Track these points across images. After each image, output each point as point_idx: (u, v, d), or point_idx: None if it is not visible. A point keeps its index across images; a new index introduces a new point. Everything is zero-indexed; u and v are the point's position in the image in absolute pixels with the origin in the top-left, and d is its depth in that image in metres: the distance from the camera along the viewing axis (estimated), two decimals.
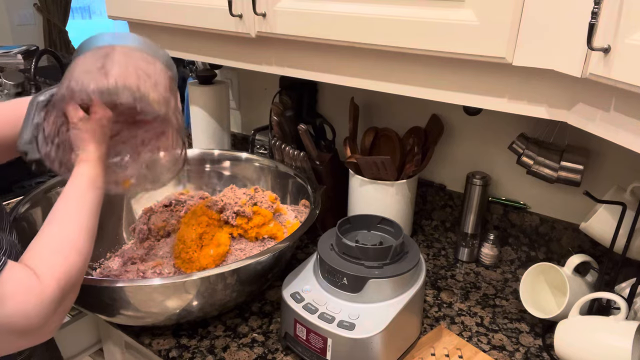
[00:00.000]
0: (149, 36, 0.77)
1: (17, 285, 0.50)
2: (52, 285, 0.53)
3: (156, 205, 1.04)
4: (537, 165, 0.92)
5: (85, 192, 0.61)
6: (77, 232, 0.58)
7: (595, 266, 0.86)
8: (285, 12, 0.81)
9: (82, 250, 0.58)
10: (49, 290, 0.52)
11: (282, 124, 1.13)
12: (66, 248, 0.56)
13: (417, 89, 0.75)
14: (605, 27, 0.53)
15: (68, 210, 0.60)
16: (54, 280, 0.53)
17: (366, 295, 0.73)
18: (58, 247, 0.56)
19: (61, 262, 0.55)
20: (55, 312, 0.53)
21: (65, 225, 0.58)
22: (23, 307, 0.50)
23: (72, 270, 0.56)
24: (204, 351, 0.79)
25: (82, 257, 0.58)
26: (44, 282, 0.52)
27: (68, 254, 0.56)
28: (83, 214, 0.60)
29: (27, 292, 0.51)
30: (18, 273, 0.51)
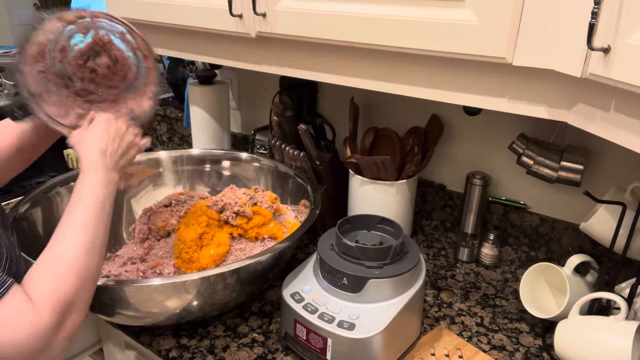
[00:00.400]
0: (149, 36, 0.77)
1: (12, 314, 0.50)
2: (47, 312, 0.52)
3: (156, 205, 1.04)
4: (537, 165, 0.92)
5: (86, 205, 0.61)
6: (76, 251, 0.57)
7: (595, 266, 0.86)
8: (285, 12, 0.81)
9: (82, 271, 0.56)
10: (45, 317, 0.51)
11: (282, 124, 1.13)
12: (63, 270, 0.55)
13: (417, 89, 0.74)
14: (605, 27, 0.53)
15: (67, 227, 0.59)
16: (49, 306, 0.52)
17: (366, 295, 0.73)
18: (54, 270, 0.55)
19: (57, 286, 0.54)
20: (56, 335, 0.53)
21: (62, 245, 0.57)
22: (14, 337, 0.49)
23: (70, 293, 0.54)
24: (204, 351, 0.79)
25: (81, 278, 0.56)
26: (38, 309, 0.51)
27: (65, 276, 0.55)
28: (85, 229, 0.59)
29: (20, 322, 0.50)
30: (16, 300, 0.51)
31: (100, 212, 0.62)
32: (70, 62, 0.72)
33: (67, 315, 0.54)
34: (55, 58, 0.71)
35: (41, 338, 0.51)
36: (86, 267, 0.57)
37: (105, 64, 0.74)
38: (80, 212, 0.60)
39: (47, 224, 0.93)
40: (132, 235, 1.02)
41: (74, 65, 0.73)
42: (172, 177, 1.15)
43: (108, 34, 0.75)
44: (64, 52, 0.72)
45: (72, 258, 0.56)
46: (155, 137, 1.72)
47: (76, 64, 0.73)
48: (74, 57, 0.73)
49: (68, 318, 0.54)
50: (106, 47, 0.75)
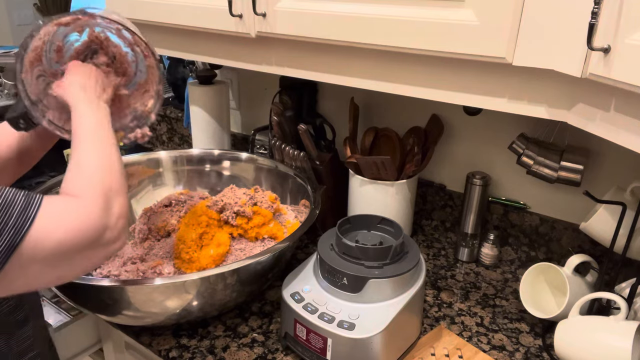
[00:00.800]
0: (149, 36, 0.77)
1: (59, 210, 0.53)
2: (90, 197, 0.56)
3: (156, 205, 1.04)
4: (537, 165, 0.92)
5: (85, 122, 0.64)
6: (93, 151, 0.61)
7: (595, 266, 0.86)
8: (286, 12, 0.81)
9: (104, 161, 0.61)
10: (89, 201, 0.55)
11: (282, 124, 1.13)
12: (89, 166, 0.60)
13: (417, 89, 0.74)
14: (605, 27, 0.53)
15: (77, 142, 0.63)
16: (89, 192, 0.56)
17: (366, 295, 0.73)
18: (81, 169, 0.59)
19: (90, 178, 0.58)
20: (109, 215, 0.56)
21: (80, 154, 0.61)
22: (70, 226, 0.52)
23: (104, 179, 0.59)
24: (204, 351, 0.79)
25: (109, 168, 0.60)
26: (81, 198, 0.56)
27: (94, 170, 0.59)
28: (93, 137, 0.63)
29: (69, 212, 0.54)
30: (56, 201, 0.54)
31: (103, 129, 0.65)
32: (67, 62, 0.72)
33: (110, 198, 0.58)
34: (52, 59, 0.71)
35: (97, 219, 0.55)
36: (109, 159, 0.62)
37: (104, 63, 0.74)
38: (85, 130, 0.64)
39: None
40: (132, 235, 1.02)
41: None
42: (172, 177, 1.15)
43: (104, 31, 0.74)
44: (60, 52, 0.71)
45: (95, 156, 0.61)
46: (155, 137, 1.72)
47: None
48: (71, 56, 0.72)
49: (112, 200, 0.58)
50: (103, 44, 0.74)
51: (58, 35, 0.71)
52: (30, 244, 0.50)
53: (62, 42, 0.71)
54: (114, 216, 0.57)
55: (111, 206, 0.57)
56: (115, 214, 0.57)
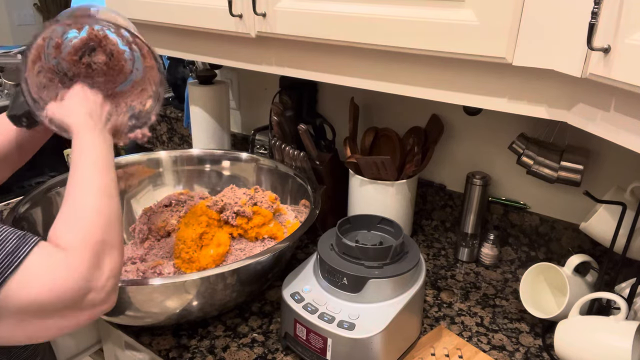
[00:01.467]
0: (149, 36, 0.77)
1: (45, 262, 0.50)
2: (79, 252, 0.52)
3: (156, 205, 1.04)
4: (537, 165, 0.92)
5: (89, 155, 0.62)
6: (94, 195, 0.58)
7: (595, 266, 0.86)
8: (286, 12, 0.81)
9: (105, 211, 0.57)
10: (77, 257, 0.51)
11: (282, 124, 1.13)
12: (87, 214, 0.56)
13: (417, 89, 0.74)
14: (605, 27, 0.53)
15: (76, 178, 0.60)
16: (80, 246, 0.52)
17: (366, 295, 0.73)
18: (75, 214, 0.56)
19: (84, 229, 0.54)
20: (96, 276, 0.52)
21: (77, 194, 0.58)
22: (51, 283, 0.49)
23: (98, 232, 0.55)
24: (204, 351, 0.79)
25: (106, 217, 0.57)
26: (70, 252, 0.52)
27: (90, 219, 0.55)
28: (97, 176, 0.60)
29: (54, 267, 0.50)
30: (46, 250, 0.51)
31: (106, 162, 0.62)
32: (64, 57, 0.72)
33: (101, 255, 0.54)
34: (50, 54, 0.71)
35: (79, 279, 0.50)
36: (108, 208, 0.58)
37: (103, 62, 0.74)
38: (87, 164, 0.61)
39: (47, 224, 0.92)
40: (132, 235, 1.02)
41: (69, 61, 0.73)
42: (172, 177, 1.15)
43: (103, 29, 0.74)
44: (58, 49, 0.72)
45: (92, 202, 0.57)
46: (155, 137, 1.72)
47: (71, 60, 0.73)
48: (69, 52, 0.72)
49: (104, 257, 0.54)
50: (101, 42, 0.74)
51: (57, 32, 0.71)
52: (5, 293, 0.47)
53: (60, 38, 0.72)
54: (103, 277, 0.53)
55: (101, 264, 0.53)
56: (104, 274, 0.53)
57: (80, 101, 0.67)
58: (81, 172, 0.60)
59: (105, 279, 0.53)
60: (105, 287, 0.53)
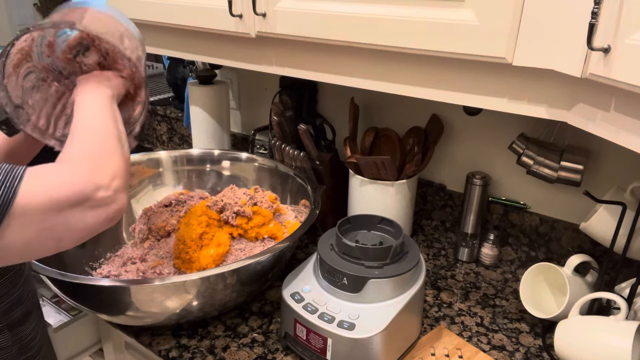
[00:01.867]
0: (149, 36, 0.77)
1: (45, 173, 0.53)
2: (79, 158, 0.56)
3: (156, 205, 1.04)
4: (537, 165, 0.92)
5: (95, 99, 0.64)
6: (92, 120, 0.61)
7: (595, 266, 0.86)
8: (286, 12, 0.81)
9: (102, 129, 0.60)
10: (77, 161, 0.55)
11: (282, 124, 1.13)
12: (84, 133, 0.59)
13: (417, 89, 0.74)
14: (605, 27, 0.53)
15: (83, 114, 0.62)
16: (79, 154, 0.56)
17: (366, 295, 0.73)
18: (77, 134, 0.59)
19: (83, 141, 0.58)
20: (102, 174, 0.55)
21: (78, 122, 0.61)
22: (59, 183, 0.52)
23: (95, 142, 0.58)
24: (204, 351, 0.79)
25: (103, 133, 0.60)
26: (70, 161, 0.55)
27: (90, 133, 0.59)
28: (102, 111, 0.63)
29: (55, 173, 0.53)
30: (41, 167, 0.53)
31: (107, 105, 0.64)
32: (59, 56, 0.71)
33: (100, 159, 0.56)
34: (43, 53, 0.70)
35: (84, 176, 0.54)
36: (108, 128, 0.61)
37: (95, 61, 0.73)
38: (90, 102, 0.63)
39: None
40: (132, 235, 1.02)
41: (64, 59, 0.72)
42: (172, 177, 1.15)
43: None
44: (51, 47, 0.71)
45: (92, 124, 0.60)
46: (155, 137, 1.72)
47: (65, 59, 0.72)
48: (63, 51, 0.72)
49: (105, 161, 0.57)
50: (95, 40, 0.73)
51: (50, 30, 0.70)
52: (22, 200, 0.49)
53: (53, 37, 0.71)
54: (107, 175, 0.56)
55: (102, 167, 0.56)
56: (108, 174, 0.56)
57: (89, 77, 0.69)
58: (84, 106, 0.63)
59: (110, 178, 0.56)
60: (112, 185, 0.56)
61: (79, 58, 0.73)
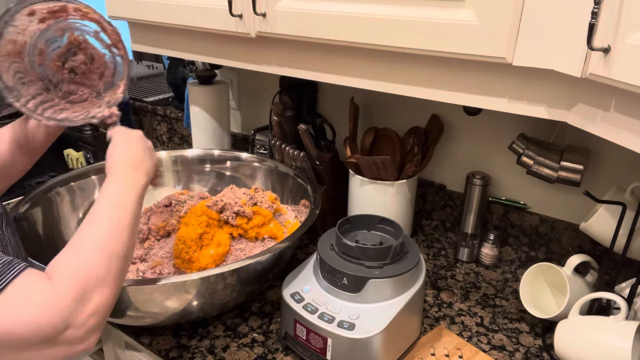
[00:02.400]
0: (149, 36, 0.77)
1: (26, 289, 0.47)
2: (65, 284, 0.49)
3: (156, 205, 1.04)
4: (537, 165, 0.92)
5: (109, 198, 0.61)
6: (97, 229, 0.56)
7: (595, 266, 0.86)
8: (286, 12, 0.81)
9: (108, 246, 0.55)
10: (61, 289, 0.49)
11: (282, 124, 1.13)
12: (84, 246, 0.54)
13: (417, 89, 0.74)
14: (605, 27, 0.53)
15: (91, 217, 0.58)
16: (68, 278, 0.50)
17: (366, 295, 0.73)
18: (74, 247, 0.54)
19: (79, 261, 0.52)
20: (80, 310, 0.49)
21: (84, 228, 0.56)
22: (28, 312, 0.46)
23: (93, 266, 0.52)
24: (204, 351, 0.79)
25: (107, 253, 0.54)
26: (55, 283, 0.49)
27: (88, 252, 0.53)
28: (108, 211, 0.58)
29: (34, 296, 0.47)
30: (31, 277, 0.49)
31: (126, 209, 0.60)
32: (49, 64, 0.73)
33: (89, 290, 0.50)
34: (35, 62, 0.71)
35: (59, 313, 0.47)
36: (114, 245, 0.55)
37: (81, 61, 0.75)
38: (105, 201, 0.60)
39: (47, 224, 0.93)
40: None
41: (53, 67, 0.73)
42: (172, 177, 1.15)
43: (83, 34, 0.75)
44: (42, 56, 0.72)
45: (96, 236, 0.55)
46: (155, 137, 1.72)
47: (55, 66, 0.73)
48: (52, 59, 0.73)
49: (92, 293, 0.51)
50: (81, 46, 0.75)
51: (40, 39, 0.72)
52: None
53: (44, 45, 0.72)
54: (85, 312, 0.50)
55: (86, 300, 0.50)
56: (87, 310, 0.50)
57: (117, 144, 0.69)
58: (97, 210, 0.58)
59: (88, 315, 0.50)
60: (86, 325, 0.50)
61: (67, 64, 0.74)
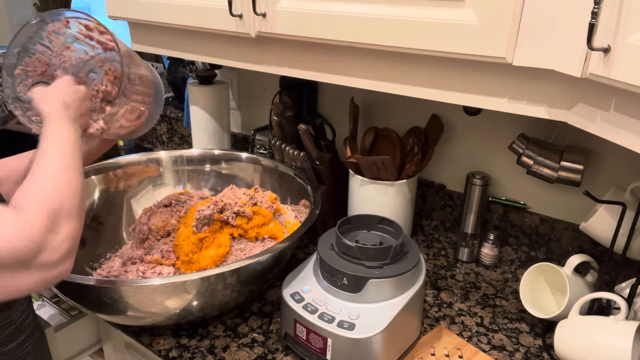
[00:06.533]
0: (149, 36, 0.77)
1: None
2: (33, 213, 0.51)
3: (156, 205, 1.04)
4: (537, 165, 0.92)
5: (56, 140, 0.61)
6: (52, 170, 0.57)
7: (595, 266, 0.86)
8: (286, 12, 0.81)
9: (62, 183, 0.57)
10: (30, 217, 0.51)
11: (282, 124, 1.13)
12: (43, 182, 0.56)
13: (417, 89, 0.74)
14: (605, 27, 0.53)
15: (40, 158, 0.59)
16: (34, 208, 0.52)
17: (366, 295, 0.73)
18: (34, 183, 0.55)
19: (42, 194, 0.54)
20: (50, 237, 0.52)
21: (39, 169, 0.57)
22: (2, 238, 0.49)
23: (56, 198, 0.54)
24: (204, 351, 0.79)
25: (66, 186, 0.56)
26: (23, 212, 0.51)
27: (49, 185, 0.55)
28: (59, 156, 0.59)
29: (4, 223, 0.50)
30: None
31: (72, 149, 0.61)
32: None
33: (57, 220, 0.53)
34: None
35: (31, 236, 0.50)
36: (69, 183, 0.57)
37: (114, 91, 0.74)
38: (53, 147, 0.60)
39: None
40: (132, 235, 1.02)
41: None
42: (172, 177, 1.15)
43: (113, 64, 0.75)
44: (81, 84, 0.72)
45: (53, 175, 0.57)
46: (155, 137, 1.72)
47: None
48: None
49: (60, 223, 0.53)
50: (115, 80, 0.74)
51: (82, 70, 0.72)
52: None
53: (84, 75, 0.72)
54: (58, 239, 0.52)
55: (56, 228, 0.52)
56: (59, 236, 0.52)
57: (60, 90, 0.67)
58: (46, 151, 0.59)
59: (60, 241, 0.52)
60: (60, 249, 0.52)
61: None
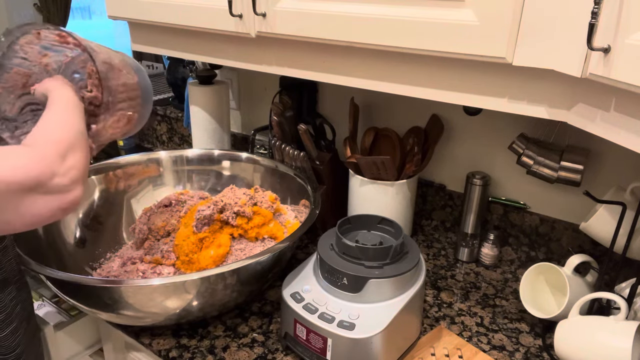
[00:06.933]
0: (149, 36, 0.77)
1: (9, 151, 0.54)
2: (41, 145, 0.56)
3: (156, 205, 1.04)
4: (537, 165, 0.92)
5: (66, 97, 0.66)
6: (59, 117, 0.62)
7: (595, 266, 0.86)
8: (286, 12, 0.81)
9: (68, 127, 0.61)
10: (40, 147, 0.56)
11: (282, 124, 1.13)
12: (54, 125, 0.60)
13: (417, 89, 0.74)
14: (605, 27, 0.53)
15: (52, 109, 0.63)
16: (42, 142, 0.57)
17: (366, 295, 0.73)
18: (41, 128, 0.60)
19: (49, 132, 0.59)
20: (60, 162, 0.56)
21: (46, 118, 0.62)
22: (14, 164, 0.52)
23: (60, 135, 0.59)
24: (204, 351, 0.79)
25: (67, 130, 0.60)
26: (34, 146, 0.56)
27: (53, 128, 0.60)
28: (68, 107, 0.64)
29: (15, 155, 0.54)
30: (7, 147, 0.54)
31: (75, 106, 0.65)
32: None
33: (64, 152, 0.57)
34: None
35: (42, 161, 0.54)
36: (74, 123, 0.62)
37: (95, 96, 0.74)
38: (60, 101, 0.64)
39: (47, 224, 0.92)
40: (132, 235, 1.02)
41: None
42: (172, 177, 1.15)
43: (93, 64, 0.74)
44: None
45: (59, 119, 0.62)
46: (155, 137, 1.72)
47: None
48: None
49: (67, 155, 0.57)
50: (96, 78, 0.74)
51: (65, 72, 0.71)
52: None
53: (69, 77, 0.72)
54: (66, 165, 0.56)
55: (64, 157, 0.57)
56: (67, 163, 0.57)
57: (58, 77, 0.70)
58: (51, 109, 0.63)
59: (69, 167, 0.57)
60: (69, 174, 0.56)
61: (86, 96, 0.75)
